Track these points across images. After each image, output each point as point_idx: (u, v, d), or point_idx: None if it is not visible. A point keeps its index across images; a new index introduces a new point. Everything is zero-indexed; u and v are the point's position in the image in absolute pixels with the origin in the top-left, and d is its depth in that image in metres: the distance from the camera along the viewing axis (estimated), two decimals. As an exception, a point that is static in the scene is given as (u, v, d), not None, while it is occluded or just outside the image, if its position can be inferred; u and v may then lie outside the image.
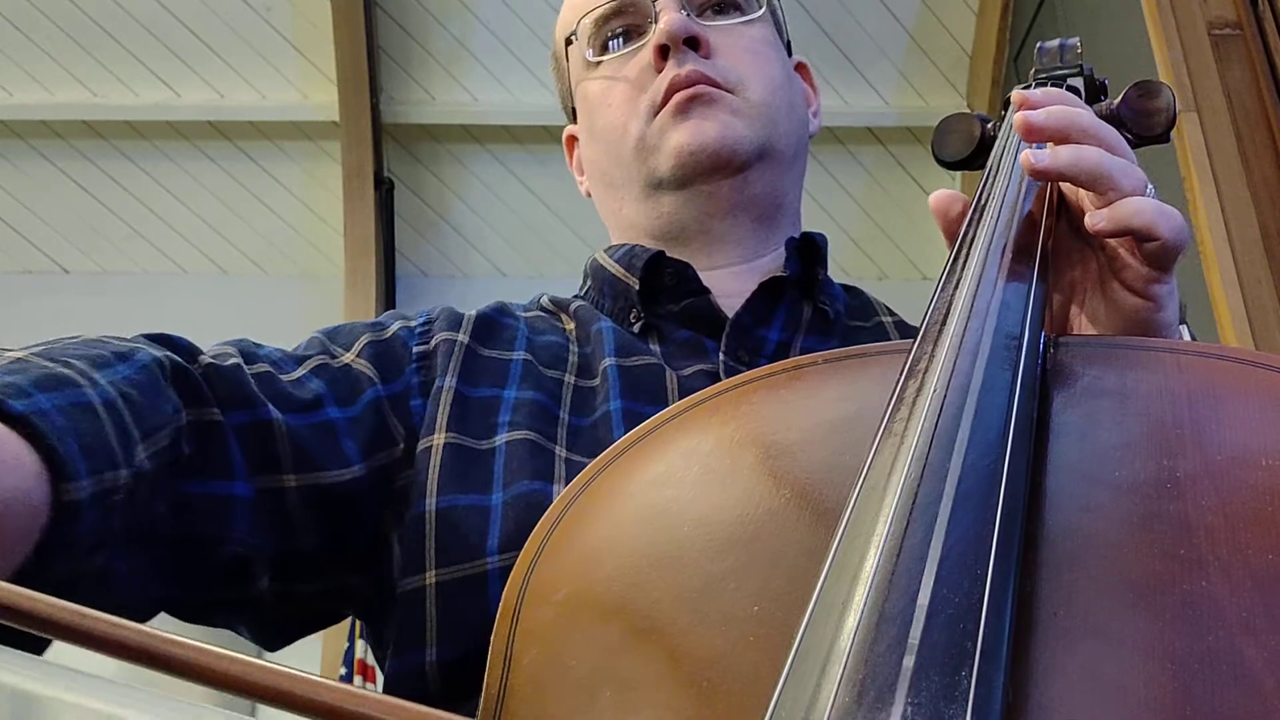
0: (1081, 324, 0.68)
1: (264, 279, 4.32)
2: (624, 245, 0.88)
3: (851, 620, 0.35)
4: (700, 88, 0.83)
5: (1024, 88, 0.81)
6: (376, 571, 0.72)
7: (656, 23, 0.85)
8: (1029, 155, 0.63)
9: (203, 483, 0.65)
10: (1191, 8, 2.23)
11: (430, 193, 4.20)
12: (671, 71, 0.84)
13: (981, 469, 0.40)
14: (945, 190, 0.71)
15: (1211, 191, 2.02)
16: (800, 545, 0.46)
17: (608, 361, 0.78)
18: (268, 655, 0.73)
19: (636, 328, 0.83)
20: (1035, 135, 0.64)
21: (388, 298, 4.07)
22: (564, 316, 0.87)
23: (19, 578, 0.49)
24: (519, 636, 0.48)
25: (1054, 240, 0.68)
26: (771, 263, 0.87)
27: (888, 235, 4.09)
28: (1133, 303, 0.65)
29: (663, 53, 0.84)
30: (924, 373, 0.47)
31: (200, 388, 0.67)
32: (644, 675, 0.44)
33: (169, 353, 0.68)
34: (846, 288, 0.90)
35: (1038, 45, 0.85)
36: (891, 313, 0.91)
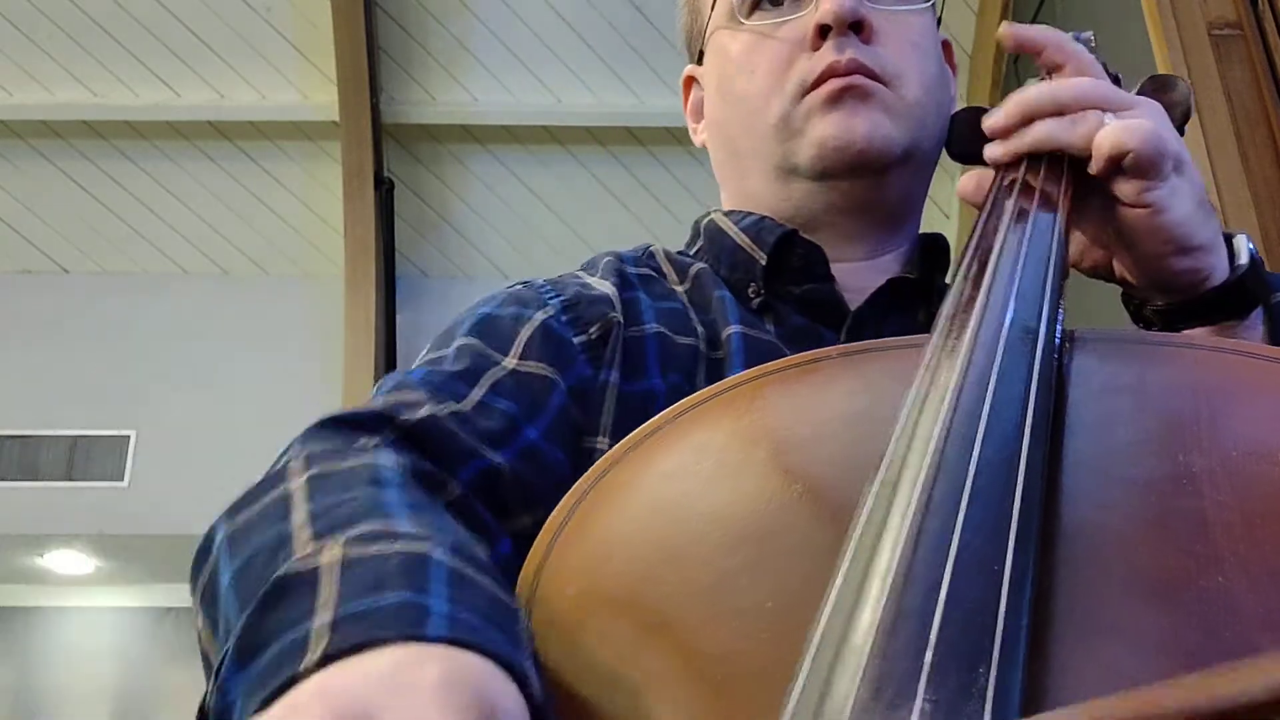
0: (1116, 253, 0.71)
1: (264, 279, 4.32)
2: (751, 214, 0.84)
3: (868, 616, 0.34)
4: (857, 78, 0.78)
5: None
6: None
7: None
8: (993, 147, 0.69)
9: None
10: (1191, 8, 2.23)
11: (430, 193, 4.20)
12: (830, 56, 0.78)
13: (998, 464, 0.40)
14: (968, 175, 0.72)
15: (1211, 192, 2.03)
16: (814, 540, 0.45)
17: (733, 328, 0.75)
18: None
19: (755, 304, 0.80)
20: (1024, 45, 0.72)
21: (388, 298, 4.07)
22: (674, 275, 0.84)
23: None
24: (533, 630, 0.48)
25: (1078, 187, 0.70)
26: (894, 259, 0.83)
27: (888, 235, 4.08)
28: (1132, 214, 0.67)
29: (823, 31, 0.79)
30: (941, 367, 0.47)
31: (427, 470, 0.61)
32: (657, 671, 0.43)
33: (375, 445, 0.60)
34: None
35: None
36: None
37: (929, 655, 0.32)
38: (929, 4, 0.87)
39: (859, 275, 0.81)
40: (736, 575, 0.45)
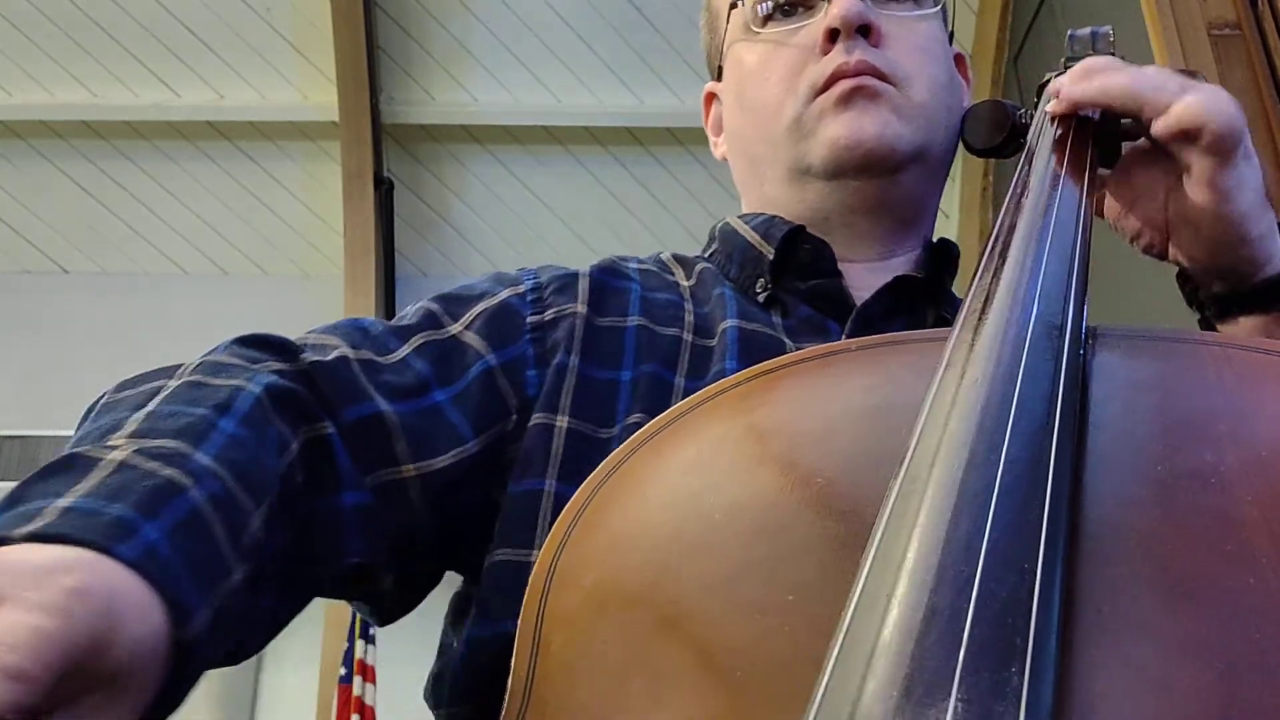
0: (1177, 234, 0.71)
1: (264, 279, 4.31)
2: (762, 214, 0.86)
3: (896, 613, 0.34)
4: (866, 79, 0.80)
5: (1056, 75, 0.81)
6: (484, 537, 0.71)
7: (829, 1, 0.82)
8: (1059, 85, 0.67)
9: (317, 500, 0.65)
10: (1191, 8, 2.23)
11: (430, 193, 4.19)
12: (839, 58, 0.80)
13: (1027, 462, 0.39)
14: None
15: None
16: (834, 534, 0.45)
17: (729, 323, 0.77)
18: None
19: (761, 298, 0.81)
20: (1075, 107, 0.70)
21: (388, 298, 4.07)
22: (680, 272, 0.86)
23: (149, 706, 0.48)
24: (546, 619, 0.48)
25: (1120, 171, 0.72)
26: (904, 262, 0.85)
27: (887, 235, 4.09)
28: (1203, 197, 0.67)
29: (832, 36, 0.81)
30: (965, 362, 0.47)
31: (307, 404, 0.66)
32: (674, 664, 0.43)
33: (270, 369, 0.66)
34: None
35: (1069, 33, 0.84)
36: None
37: (961, 654, 0.31)
38: (937, 9, 0.88)
39: (869, 275, 0.82)
40: (756, 569, 0.44)
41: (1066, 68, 0.81)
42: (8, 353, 4.17)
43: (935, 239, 0.89)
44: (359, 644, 3.48)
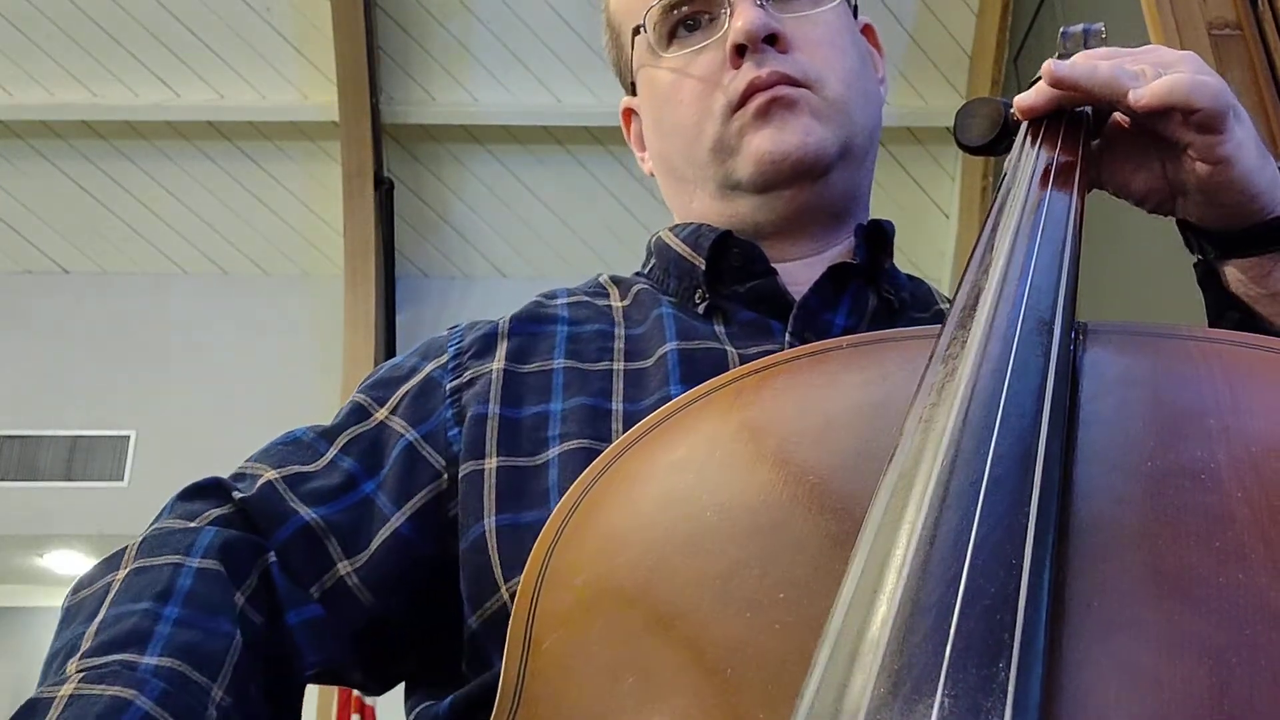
0: (1184, 198, 0.71)
1: (264, 279, 4.31)
2: (690, 225, 0.86)
3: (885, 609, 0.34)
4: (780, 89, 0.80)
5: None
6: (453, 597, 0.72)
7: (731, 13, 0.81)
8: (1050, 62, 0.67)
9: (272, 631, 0.68)
10: (1191, 8, 2.23)
11: (430, 193, 4.20)
12: (750, 72, 0.80)
13: (1016, 457, 0.39)
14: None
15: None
16: (825, 532, 0.45)
17: (669, 346, 0.76)
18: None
19: (701, 309, 0.81)
20: (1063, 84, 0.69)
21: (388, 298, 4.07)
22: (615, 293, 0.86)
23: None
24: (538, 620, 0.48)
25: (1113, 143, 0.72)
26: (841, 250, 0.84)
27: (888, 235, 4.08)
28: (1206, 170, 0.68)
29: (739, 50, 0.81)
30: (955, 358, 0.47)
31: (245, 545, 0.70)
32: (666, 662, 0.43)
33: (209, 520, 0.71)
34: (910, 277, 0.88)
35: (1061, 30, 0.84)
36: (950, 300, 0.89)
37: (948, 650, 0.31)
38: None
39: (804, 270, 0.82)
40: (748, 566, 0.44)
41: None
42: (8, 353, 4.17)
43: (873, 219, 0.88)
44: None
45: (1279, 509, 0.40)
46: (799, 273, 0.82)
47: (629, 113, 0.96)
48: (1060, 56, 0.81)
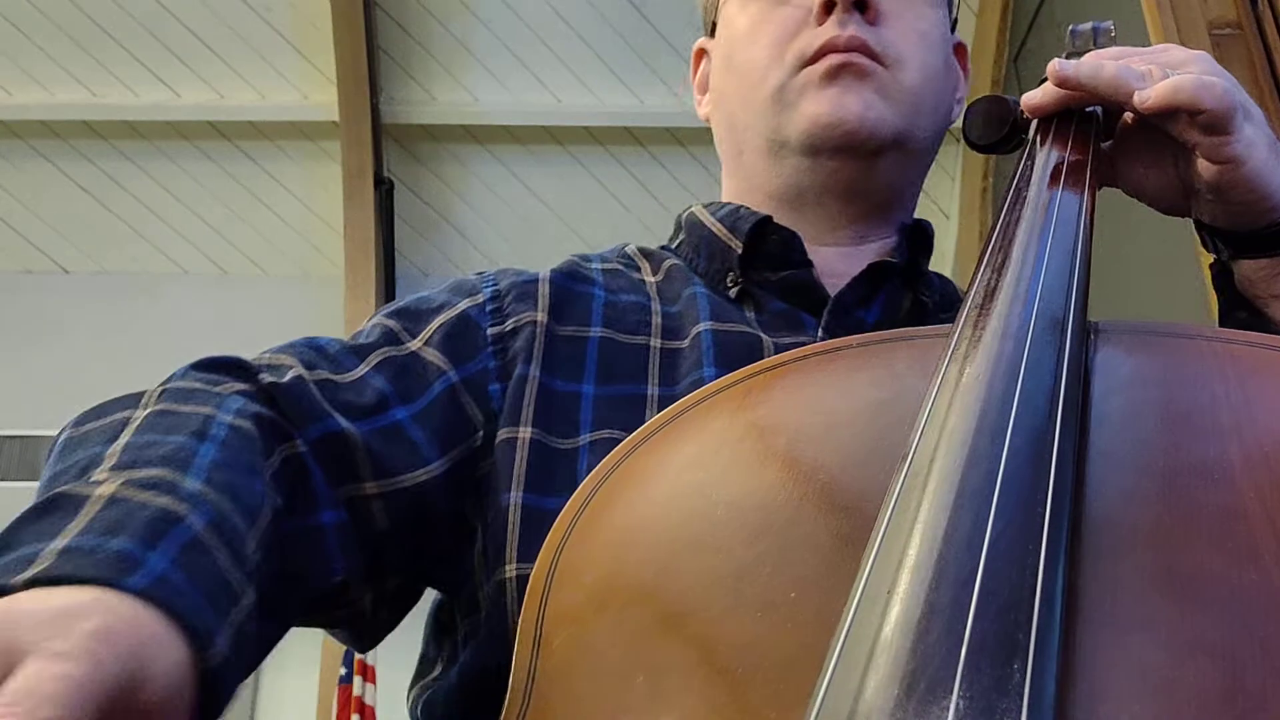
0: (1196, 198, 0.71)
1: (264, 279, 4.31)
2: (728, 204, 0.84)
3: (898, 609, 0.34)
4: (855, 56, 0.78)
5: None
6: (463, 558, 0.70)
7: None
8: (1056, 63, 0.66)
9: (298, 520, 0.63)
10: (1191, 8, 2.23)
11: (430, 193, 4.19)
12: (831, 30, 0.78)
13: (1029, 457, 0.39)
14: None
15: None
16: (836, 531, 0.45)
17: (703, 326, 0.75)
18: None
19: (733, 293, 0.79)
20: (1068, 84, 0.68)
21: (388, 298, 4.06)
22: (647, 267, 0.84)
23: None
24: (548, 618, 0.48)
25: (1125, 142, 0.71)
26: (878, 248, 0.82)
27: (887, 235, 4.09)
28: (1215, 170, 0.67)
29: (828, 6, 0.79)
30: (967, 357, 0.46)
31: (275, 421, 0.64)
32: (677, 661, 0.43)
33: (234, 391, 0.64)
34: (940, 276, 0.87)
35: (1070, 28, 0.83)
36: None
37: (963, 651, 0.31)
38: None
39: (842, 261, 0.80)
40: (758, 565, 0.44)
41: None
42: (7, 353, 4.17)
43: (916, 219, 0.87)
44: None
45: None
46: (835, 262, 0.80)
47: (700, 54, 0.94)
48: (1069, 55, 0.81)
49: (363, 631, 0.72)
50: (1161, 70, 0.67)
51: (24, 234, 4.21)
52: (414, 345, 0.74)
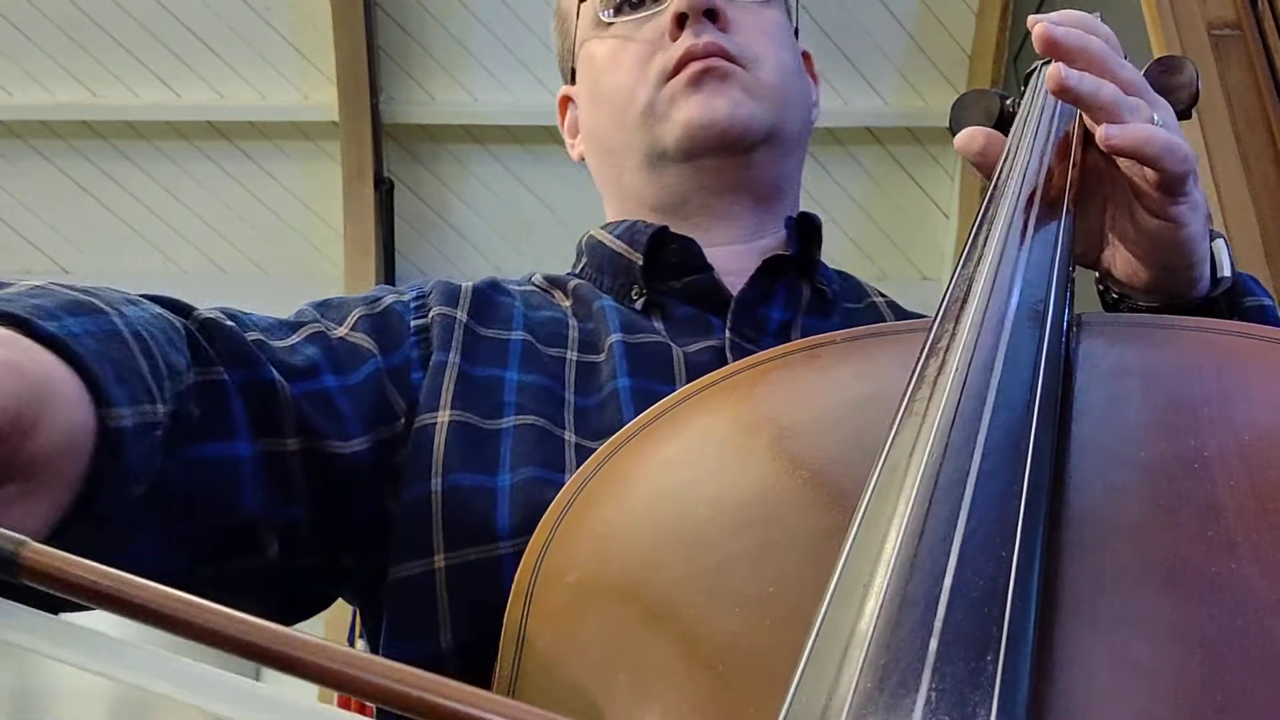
0: (1116, 249, 0.70)
1: (264, 279, 4.31)
2: (624, 221, 0.87)
3: (873, 603, 0.34)
4: (715, 60, 0.82)
5: (1044, 63, 0.81)
6: (375, 553, 0.69)
7: None
8: (1059, 69, 0.66)
9: (209, 444, 0.62)
10: (1191, 8, 2.23)
11: (430, 193, 4.19)
12: (688, 40, 0.82)
13: (1005, 449, 0.39)
14: (967, 129, 0.73)
15: (1211, 192, 2.02)
16: (818, 527, 0.45)
17: (614, 337, 0.76)
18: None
19: (639, 304, 0.82)
20: (1052, 48, 0.66)
21: (388, 298, 4.07)
22: (559, 294, 0.86)
23: (65, 518, 0.47)
24: (532, 619, 0.48)
25: (1085, 171, 0.70)
26: (771, 242, 0.86)
27: (887, 236, 4.08)
28: (1154, 224, 0.67)
29: (680, 21, 0.83)
30: (945, 351, 0.46)
31: (202, 345, 0.63)
32: (658, 659, 0.43)
33: (164, 310, 0.64)
34: (839, 272, 0.90)
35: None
36: (881, 293, 0.90)
37: (934, 643, 0.31)
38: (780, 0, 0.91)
39: (738, 259, 0.83)
40: (739, 562, 0.44)
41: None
42: (8, 353, 4.18)
43: (802, 212, 0.89)
44: (359, 644, 3.48)
45: (1270, 498, 0.40)
46: (730, 261, 0.82)
47: (565, 101, 0.98)
48: None
49: (270, 599, 0.68)
50: (1135, 106, 0.66)
51: (24, 234, 4.21)
52: (342, 331, 0.75)
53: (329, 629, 3.62)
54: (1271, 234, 2.04)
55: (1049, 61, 0.80)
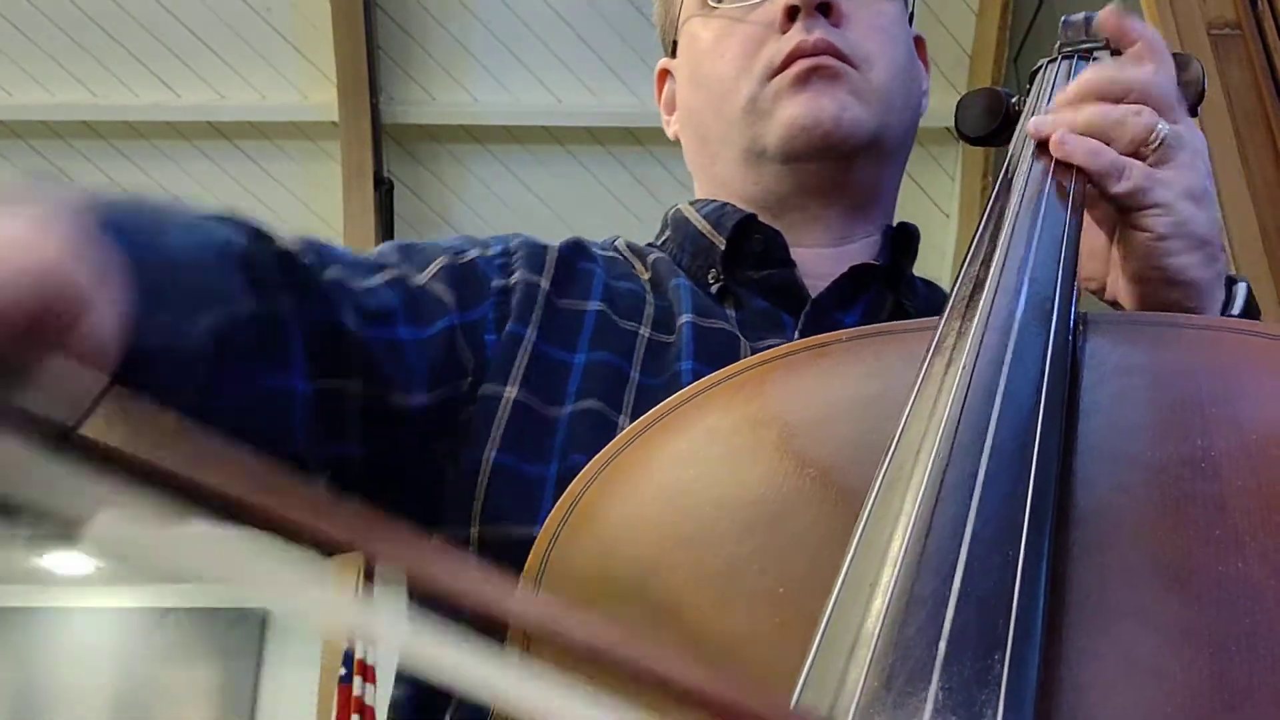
0: (1094, 266, 0.70)
1: (264, 279, 4.31)
2: (714, 201, 0.84)
3: (880, 602, 0.34)
4: (825, 59, 0.78)
5: (1049, 61, 0.80)
6: (420, 504, 0.69)
7: None
8: (1057, 135, 0.64)
9: (261, 373, 0.62)
10: (1191, 8, 2.22)
11: (430, 193, 4.19)
12: (798, 36, 0.78)
13: (1012, 448, 0.39)
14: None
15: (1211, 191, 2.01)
16: (826, 526, 0.45)
17: (685, 318, 0.75)
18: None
19: (714, 289, 0.79)
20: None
21: (388, 298, 4.07)
22: (639, 265, 0.84)
23: None
24: None
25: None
26: (861, 249, 0.83)
27: (888, 235, 4.09)
28: (1151, 272, 0.66)
29: (791, 13, 0.79)
30: (953, 349, 0.46)
31: (270, 276, 0.63)
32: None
33: (238, 235, 0.64)
34: (925, 282, 0.87)
35: (1062, 19, 0.83)
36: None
37: (942, 643, 0.31)
38: None
39: (824, 262, 0.80)
40: (747, 561, 0.44)
41: (1060, 54, 0.80)
42: (8, 353, 4.17)
43: (902, 222, 0.87)
44: (359, 644, 3.48)
45: (1276, 498, 0.40)
46: (816, 264, 0.80)
47: (663, 74, 0.94)
48: (1061, 45, 0.81)
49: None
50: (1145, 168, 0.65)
51: (24, 234, 4.21)
52: (421, 279, 0.73)
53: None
54: (1271, 233, 2.04)
55: (1054, 59, 0.80)
